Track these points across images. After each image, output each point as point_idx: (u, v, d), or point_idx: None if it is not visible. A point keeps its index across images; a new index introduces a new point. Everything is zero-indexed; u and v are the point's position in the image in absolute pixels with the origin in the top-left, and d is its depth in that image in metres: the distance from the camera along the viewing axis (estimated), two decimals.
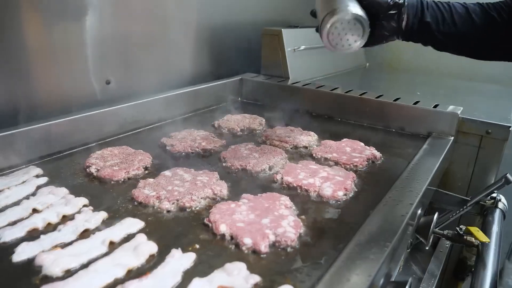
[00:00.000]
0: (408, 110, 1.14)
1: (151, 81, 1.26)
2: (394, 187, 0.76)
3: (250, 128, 1.13)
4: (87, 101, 1.07)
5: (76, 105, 1.03)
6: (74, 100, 1.06)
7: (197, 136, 1.01)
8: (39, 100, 1.00)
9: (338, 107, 1.26)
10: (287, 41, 1.46)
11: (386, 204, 0.70)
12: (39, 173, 0.82)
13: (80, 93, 1.08)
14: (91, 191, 0.75)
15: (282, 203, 0.69)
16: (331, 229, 0.65)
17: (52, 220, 0.65)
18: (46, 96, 1.02)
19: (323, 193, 0.74)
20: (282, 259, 0.57)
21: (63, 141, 0.94)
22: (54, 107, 1.00)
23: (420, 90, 1.54)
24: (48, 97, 1.02)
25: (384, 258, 0.55)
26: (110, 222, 0.65)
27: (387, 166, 0.92)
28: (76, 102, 1.05)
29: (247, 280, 0.50)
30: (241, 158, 0.88)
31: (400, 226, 0.63)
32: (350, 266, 0.52)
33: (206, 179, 0.78)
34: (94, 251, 0.57)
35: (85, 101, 1.07)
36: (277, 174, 0.81)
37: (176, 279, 0.51)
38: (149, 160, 0.88)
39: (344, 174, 0.81)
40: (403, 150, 1.02)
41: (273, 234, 0.60)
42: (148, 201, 0.70)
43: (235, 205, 0.68)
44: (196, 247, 0.59)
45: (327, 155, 0.92)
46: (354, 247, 0.56)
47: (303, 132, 1.06)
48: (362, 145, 0.98)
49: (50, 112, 0.96)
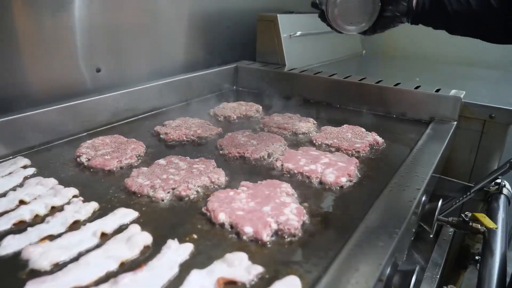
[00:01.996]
0: (409, 95, 1.11)
1: (143, 70, 1.21)
2: (399, 172, 0.73)
3: (247, 115, 1.09)
4: (77, 90, 1.02)
5: (66, 93, 0.98)
6: (64, 88, 1.01)
7: (192, 124, 0.97)
8: (28, 89, 0.95)
9: (337, 93, 1.22)
10: (283, 27, 1.42)
11: (392, 190, 0.66)
12: (26, 163, 0.78)
13: (70, 82, 1.04)
14: (81, 181, 0.72)
15: (283, 190, 0.66)
16: (336, 217, 0.62)
17: (40, 211, 0.61)
18: (36, 84, 0.97)
19: (326, 180, 0.70)
20: (285, 249, 0.53)
21: (52, 131, 0.90)
22: (43, 96, 0.96)
23: (418, 76, 1.51)
24: (38, 86, 0.97)
25: (394, 246, 0.52)
26: (102, 213, 0.61)
27: (389, 152, 0.89)
28: (66, 90, 1.00)
29: (249, 271, 0.47)
30: (239, 145, 0.84)
31: (409, 212, 0.60)
32: (359, 255, 0.49)
33: (202, 167, 0.74)
34: (85, 243, 0.53)
35: (76, 89, 1.02)
36: (277, 161, 0.78)
37: (173, 271, 0.48)
38: (143, 149, 0.84)
39: (347, 160, 0.78)
40: (405, 136, 0.99)
41: (275, 222, 0.56)
42: (142, 191, 0.66)
43: (234, 193, 0.64)
44: (193, 237, 0.55)
45: (327, 141, 0.89)
46: (361, 235, 0.53)
47: (302, 119, 1.03)
48: (364, 130, 0.95)
49: (39, 101, 0.92)
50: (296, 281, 0.45)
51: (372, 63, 1.93)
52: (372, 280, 0.45)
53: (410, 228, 0.74)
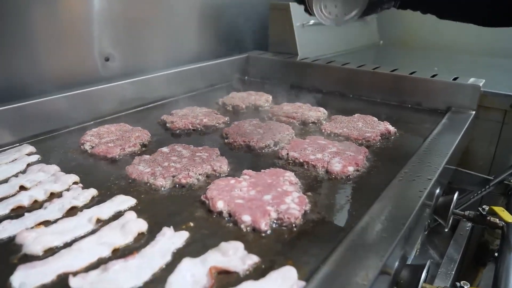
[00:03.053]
0: (425, 83, 1.06)
1: (156, 59, 1.19)
2: (411, 162, 0.69)
3: (255, 105, 1.07)
4: (90, 78, 1.02)
5: (79, 81, 0.98)
6: (77, 76, 1.00)
7: (199, 113, 0.96)
8: (43, 77, 0.94)
9: (350, 83, 1.18)
10: (295, 16, 1.38)
11: (402, 179, 0.63)
12: (31, 151, 0.78)
13: (83, 70, 1.03)
14: (83, 169, 0.71)
15: (287, 179, 0.63)
16: (340, 207, 0.60)
17: (39, 197, 0.60)
18: (50, 73, 0.96)
19: (332, 169, 0.68)
20: (284, 238, 0.51)
21: (59, 119, 0.90)
22: (58, 84, 0.95)
23: (437, 66, 1.45)
24: (52, 74, 0.97)
25: (399, 238, 0.49)
26: (101, 199, 0.60)
27: (402, 142, 0.85)
28: (79, 78, 1.00)
29: (244, 261, 0.45)
30: (245, 134, 0.82)
31: (418, 203, 0.57)
32: (361, 246, 0.47)
33: (205, 155, 0.72)
34: (80, 229, 0.52)
35: (88, 78, 1.02)
36: (282, 150, 0.75)
37: (166, 259, 0.46)
38: (147, 137, 0.83)
39: (356, 149, 0.75)
40: (420, 126, 0.95)
41: (275, 211, 0.54)
42: (142, 178, 0.65)
43: (235, 181, 0.62)
44: (190, 225, 0.53)
45: (337, 130, 0.86)
46: (365, 225, 0.50)
47: (312, 108, 1.00)
48: (376, 120, 0.91)
49: (54, 89, 0.92)
50: (292, 272, 0.43)
51: (389, 53, 1.87)
52: (373, 272, 0.42)
53: (421, 220, 0.71)
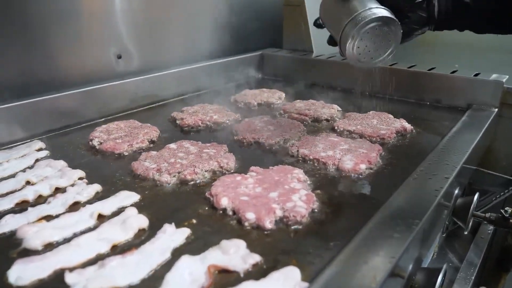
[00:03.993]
0: (445, 80, 1.02)
1: (168, 57, 1.19)
2: (427, 160, 0.66)
3: (268, 102, 1.05)
4: (104, 75, 1.01)
5: (92, 79, 0.98)
6: (90, 74, 1.00)
7: (210, 110, 0.94)
8: (61, 73, 0.94)
9: (366, 79, 1.14)
10: (310, 12, 1.35)
11: (417, 178, 0.60)
12: (41, 147, 0.78)
13: (97, 67, 1.02)
14: (90, 164, 0.70)
15: (295, 176, 0.61)
16: (350, 206, 0.57)
17: (44, 192, 0.60)
18: (64, 69, 0.96)
19: (343, 166, 0.65)
20: (289, 237, 0.49)
21: (70, 116, 0.90)
22: (69, 81, 0.95)
23: (458, 63, 1.39)
24: (65, 71, 0.96)
25: (412, 238, 0.46)
26: (104, 195, 0.59)
27: (419, 140, 0.81)
28: (92, 76, 0.99)
29: (245, 260, 0.43)
30: (255, 130, 0.80)
31: (433, 202, 0.53)
32: (370, 246, 0.44)
33: (213, 151, 0.71)
34: (81, 224, 0.51)
35: (103, 74, 1.02)
36: (293, 147, 0.73)
37: (165, 257, 0.45)
38: (156, 133, 0.82)
39: (369, 147, 0.72)
40: (438, 123, 0.91)
41: (281, 209, 0.52)
42: (148, 174, 0.64)
43: (241, 178, 0.60)
44: (193, 222, 0.52)
45: (350, 127, 0.83)
46: (375, 225, 0.48)
47: (326, 105, 0.97)
48: (391, 117, 0.88)
49: (66, 85, 0.92)
50: (295, 272, 0.41)
51: (408, 50, 1.80)
52: (381, 274, 0.39)
53: (439, 222, 0.67)
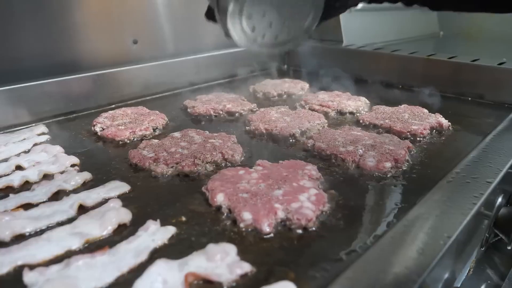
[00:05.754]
0: (490, 72, 0.90)
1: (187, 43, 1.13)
2: (466, 161, 0.56)
3: (289, 92, 0.96)
4: (119, 60, 0.97)
5: (107, 64, 0.94)
6: (105, 58, 0.96)
7: (224, 99, 0.87)
8: (70, 55, 0.91)
9: (400, 71, 1.04)
10: None
11: (452, 181, 0.50)
12: (43, 131, 0.74)
13: (113, 52, 0.98)
14: (87, 151, 0.66)
15: (307, 172, 0.53)
16: (369, 210, 0.48)
17: (31, 178, 0.55)
18: (77, 52, 0.93)
19: (364, 164, 0.56)
20: (291, 245, 0.41)
21: (80, 101, 0.86)
22: (82, 64, 0.91)
23: (506, 57, 1.25)
24: (79, 53, 0.93)
25: (443, 254, 0.37)
26: (94, 184, 0.53)
27: (457, 138, 0.71)
28: (107, 60, 0.95)
29: (231, 269, 0.36)
30: (269, 121, 0.73)
31: (471, 211, 0.44)
32: (388, 262, 0.35)
33: (219, 142, 0.64)
34: (58, 215, 0.46)
35: (118, 60, 0.97)
36: (309, 140, 0.65)
37: (140, 258, 0.38)
38: (163, 121, 0.76)
39: (397, 143, 0.62)
40: (481, 121, 0.80)
41: (284, 209, 0.44)
42: (144, 163, 0.58)
43: (245, 172, 0.53)
44: (181, 219, 0.45)
45: (377, 121, 0.73)
46: (398, 235, 0.39)
47: (351, 97, 0.88)
48: (426, 111, 0.78)
49: (79, 69, 0.88)
50: None
51: (450, 45, 1.67)
52: None
53: (477, 233, 0.57)
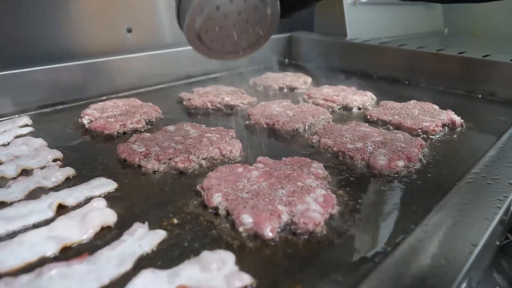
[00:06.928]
0: (502, 68, 0.85)
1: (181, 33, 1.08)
2: (484, 160, 0.51)
3: (291, 86, 0.92)
4: (112, 49, 0.92)
5: (99, 52, 0.89)
6: (97, 46, 0.91)
7: (223, 92, 0.82)
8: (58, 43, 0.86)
9: (407, 67, 1.00)
10: None
11: (471, 182, 0.46)
12: (27, 123, 0.69)
13: (105, 40, 0.92)
14: (73, 145, 0.60)
15: (312, 171, 0.48)
16: (381, 214, 0.43)
17: (8, 174, 0.50)
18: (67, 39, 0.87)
19: (375, 163, 0.51)
20: (296, 252, 0.36)
21: (68, 91, 0.82)
22: (73, 52, 0.86)
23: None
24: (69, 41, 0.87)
25: (470, 266, 0.32)
26: (78, 181, 0.48)
27: (470, 136, 0.66)
28: (99, 49, 0.90)
29: (229, 281, 0.31)
30: (271, 115, 0.68)
31: (495, 216, 0.39)
32: (404, 276, 0.31)
33: (216, 136, 0.59)
34: (34, 216, 0.41)
35: (110, 49, 0.92)
36: (314, 136, 0.60)
37: (124, 268, 0.33)
38: (156, 114, 0.71)
39: (409, 140, 0.58)
40: (493, 118, 0.75)
41: (288, 212, 0.39)
42: (133, 159, 0.53)
43: (244, 170, 0.48)
44: (173, 222, 0.40)
45: (386, 117, 0.69)
46: (413, 245, 0.34)
47: (357, 92, 0.83)
48: (436, 108, 0.73)
49: (68, 57, 0.84)
50: None
51: (454, 42, 1.63)
52: None
53: (494, 239, 0.53)
